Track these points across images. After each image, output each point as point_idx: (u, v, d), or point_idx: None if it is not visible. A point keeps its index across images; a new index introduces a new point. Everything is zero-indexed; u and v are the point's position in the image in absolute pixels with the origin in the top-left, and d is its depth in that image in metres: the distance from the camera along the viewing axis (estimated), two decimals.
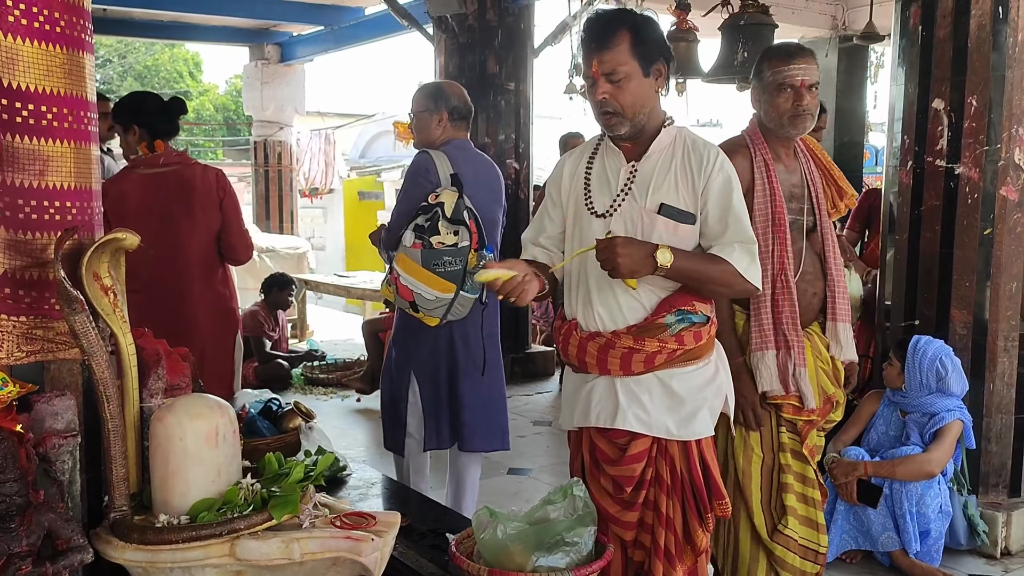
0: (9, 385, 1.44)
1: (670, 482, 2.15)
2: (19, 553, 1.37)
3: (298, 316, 8.30)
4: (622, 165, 2.15)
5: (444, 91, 3.26)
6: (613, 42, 2.02)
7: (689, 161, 2.10)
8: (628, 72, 2.02)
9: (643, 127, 2.10)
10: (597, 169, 2.19)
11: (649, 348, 2.10)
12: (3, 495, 1.35)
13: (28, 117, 1.50)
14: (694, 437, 2.14)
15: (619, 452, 2.17)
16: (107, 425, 1.53)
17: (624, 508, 2.17)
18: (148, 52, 27.25)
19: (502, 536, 1.93)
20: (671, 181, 2.10)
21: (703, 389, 2.15)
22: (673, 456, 2.15)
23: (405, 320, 3.21)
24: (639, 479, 2.16)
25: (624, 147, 2.16)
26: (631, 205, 2.12)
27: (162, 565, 1.50)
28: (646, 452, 2.14)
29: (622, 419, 2.12)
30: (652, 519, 2.16)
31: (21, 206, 1.51)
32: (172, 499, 1.55)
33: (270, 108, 10.28)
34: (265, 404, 2.92)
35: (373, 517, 1.60)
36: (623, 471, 2.16)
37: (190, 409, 1.58)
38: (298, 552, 1.50)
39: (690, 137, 2.15)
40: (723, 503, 2.19)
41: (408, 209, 3.09)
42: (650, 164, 2.12)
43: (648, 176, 2.11)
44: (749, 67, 4.76)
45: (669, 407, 2.12)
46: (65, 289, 1.45)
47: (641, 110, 2.07)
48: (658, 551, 2.15)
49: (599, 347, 2.13)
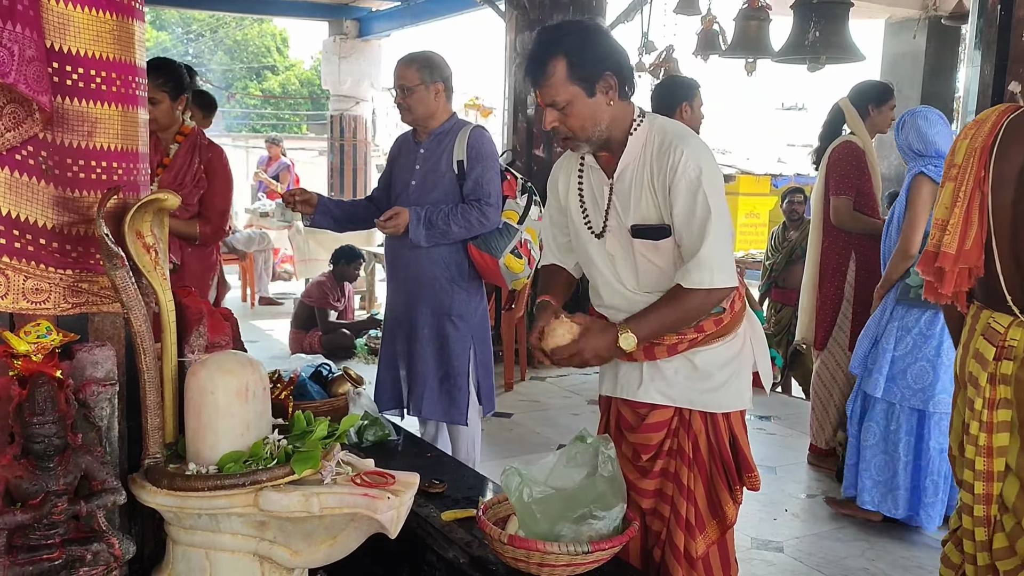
0: (52, 333, 1.52)
1: (692, 454, 2.17)
2: (56, 491, 1.46)
3: (367, 288, 8.46)
4: (604, 182, 2.13)
5: (436, 61, 3.17)
6: (548, 73, 1.96)
7: (656, 171, 2.02)
8: (570, 98, 1.97)
9: (607, 139, 2.05)
10: (587, 185, 2.17)
11: (669, 341, 2.13)
12: (42, 436, 1.44)
13: (78, 80, 1.58)
14: (720, 410, 2.16)
15: (639, 419, 2.21)
16: (143, 376, 1.61)
17: (641, 475, 2.20)
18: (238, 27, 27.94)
19: (527, 499, 1.96)
20: (647, 196, 2.05)
21: (728, 364, 2.16)
22: (696, 428, 2.16)
23: (469, 293, 3.26)
24: (656, 448, 2.18)
25: (602, 158, 2.12)
26: (617, 224, 2.11)
27: (190, 511, 1.58)
28: (666, 423, 2.17)
29: (644, 392, 2.17)
30: (672, 490, 2.18)
31: (69, 165, 1.59)
32: (203, 450, 1.62)
33: (347, 83, 10.44)
34: (316, 369, 3.01)
35: (392, 476, 1.65)
36: (640, 439, 2.19)
37: (222, 365, 1.64)
38: (317, 506, 1.56)
39: (659, 136, 2.04)
40: (752, 476, 2.20)
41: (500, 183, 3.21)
42: (625, 181, 2.08)
43: (626, 194, 2.08)
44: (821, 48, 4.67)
45: (692, 380, 2.15)
46: (107, 245, 1.53)
47: (595, 128, 2.01)
48: (679, 520, 2.17)
49: None
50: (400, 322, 3.30)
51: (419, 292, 3.21)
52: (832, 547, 3.30)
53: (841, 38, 4.48)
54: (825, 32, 4.40)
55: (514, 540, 1.89)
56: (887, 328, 3.43)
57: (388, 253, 3.39)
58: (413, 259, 3.19)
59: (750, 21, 4.96)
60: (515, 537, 1.90)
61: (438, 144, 3.19)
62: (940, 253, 2.06)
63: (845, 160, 3.98)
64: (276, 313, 8.38)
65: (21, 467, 1.45)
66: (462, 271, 3.21)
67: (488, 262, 3.17)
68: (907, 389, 3.36)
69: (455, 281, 3.20)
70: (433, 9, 9.06)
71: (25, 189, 1.54)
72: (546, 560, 1.88)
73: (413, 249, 3.16)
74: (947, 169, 2.10)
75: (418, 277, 3.21)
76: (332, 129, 10.85)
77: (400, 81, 3.15)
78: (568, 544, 1.87)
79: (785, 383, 5.84)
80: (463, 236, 3.14)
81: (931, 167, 3.35)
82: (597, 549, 1.88)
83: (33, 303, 1.57)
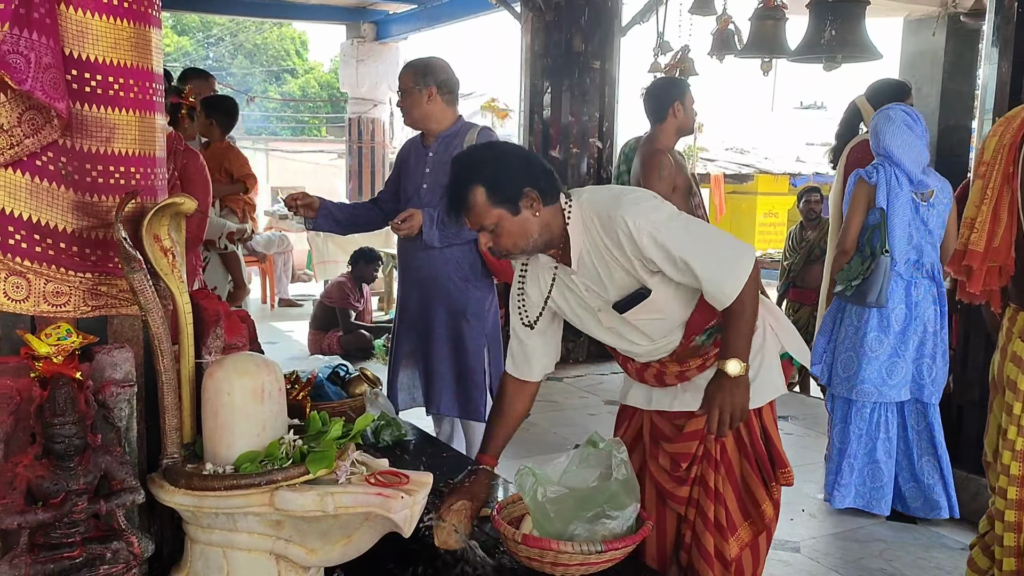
0: (72, 336, 1.55)
1: (719, 457, 2.17)
2: (76, 490, 1.49)
3: (385, 289, 8.51)
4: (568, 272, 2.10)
5: (431, 66, 3.23)
6: (469, 202, 1.99)
7: (612, 246, 2.00)
8: (496, 220, 1.98)
9: (546, 243, 2.05)
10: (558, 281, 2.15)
11: (694, 364, 2.16)
12: (62, 436, 1.47)
13: (96, 87, 1.61)
14: (754, 404, 2.12)
15: (676, 430, 2.21)
16: (161, 378, 1.64)
17: (678, 484, 2.21)
18: (258, 31, 28.14)
19: (541, 499, 1.97)
20: (616, 271, 2.04)
21: (754, 358, 2.12)
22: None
23: (483, 292, 3.28)
24: (694, 455, 2.19)
25: (554, 255, 2.12)
26: (603, 302, 2.10)
27: (207, 510, 1.60)
28: (702, 430, 2.15)
29: (680, 403, 2.18)
30: (699, 493, 2.19)
31: (88, 170, 1.62)
32: (220, 450, 1.65)
33: (365, 86, 10.50)
34: (333, 370, 3.04)
35: (406, 476, 1.66)
36: (680, 448, 2.20)
37: (238, 366, 1.67)
38: (332, 505, 1.58)
39: (594, 215, 2.02)
40: (786, 471, 2.20)
41: None
42: (587, 267, 2.07)
43: (596, 278, 2.06)
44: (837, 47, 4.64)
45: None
46: (125, 249, 1.56)
47: (527, 240, 2.02)
48: (707, 523, 2.16)
49: (655, 374, 2.21)
50: (414, 322, 3.33)
51: (433, 292, 3.24)
52: (849, 547, 3.29)
53: (857, 36, 4.46)
54: (841, 31, 4.38)
55: (528, 539, 1.90)
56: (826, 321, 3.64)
57: (401, 254, 3.42)
58: (427, 259, 3.22)
59: (766, 20, 4.95)
60: (529, 536, 1.91)
61: (446, 147, 3.23)
62: (968, 251, 2.04)
63: (863, 160, 3.96)
64: (295, 315, 8.44)
65: (42, 467, 1.48)
66: (475, 270, 3.24)
67: (501, 261, 3.20)
68: (837, 378, 3.56)
69: (469, 280, 3.23)
70: (449, 12, 9.09)
71: (45, 194, 1.58)
72: (560, 559, 1.89)
73: (426, 250, 3.19)
74: (976, 166, 2.08)
75: (432, 277, 3.24)
76: (350, 132, 10.91)
77: (399, 85, 3.27)
78: (582, 543, 1.88)
79: (803, 383, 5.81)
80: (475, 235, 3.16)
81: (868, 168, 3.51)
82: (611, 548, 1.89)
83: (54, 306, 1.60)
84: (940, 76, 7.53)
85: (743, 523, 2.20)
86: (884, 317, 3.42)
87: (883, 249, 3.34)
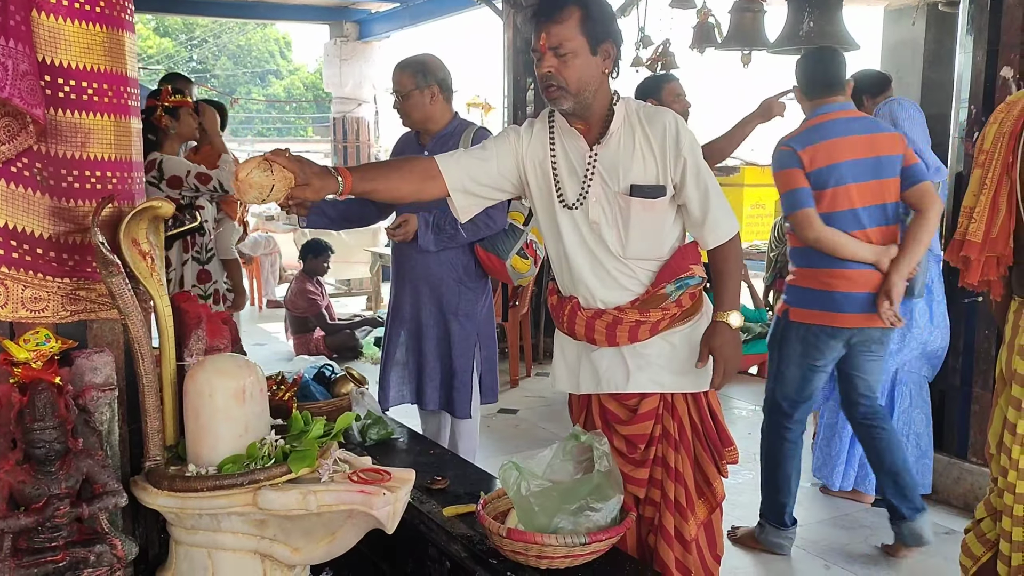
0: (51, 341, 1.56)
1: (678, 436, 2.21)
2: (58, 494, 1.49)
3: (372, 288, 8.50)
4: (584, 151, 2.15)
5: (428, 64, 3.18)
6: (562, 16, 2.00)
7: (651, 134, 2.10)
8: (575, 48, 2.02)
9: (589, 105, 2.09)
10: (561, 156, 2.18)
11: (654, 317, 2.16)
12: (43, 441, 1.47)
13: (70, 92, 1.62)
14: (703, 388, 2.21)
15: (629, 412, 2.23)
16: (141, 381, 1.65)
17: (636, 466, 2.23)
18: (241, 32, 28.02)
19: (525, 493, 1.98)
20: (638, 159, 2.11)
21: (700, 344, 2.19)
22: (681, 410, 2.21)
23: (475, 292, 3.30)
24: (649, 437, 2.21)
25: (578, 128, 2.15)
26: (603, 191, 2.13)
27: (191, 511, 1.61)
28: (655, 410, 2.20)
29: (635, 383, 2.19)
30: (661, 474, 2.22)
31: (64, 175, 1.62)
32: (203, 451, 1.66)
33: (348, 85, 10.47)
34: (319, 370, 3.05)
35: (388, 473, 1.68)
36: (635, 430, 2.21)
37: (219, 368, 1.68)
38: (314, 504, 1.59)
39: (640, 109, 2.14)
40: (732, 449, 2.26)
41: None
42: (612, 146, 2.12)
43: (614, 159, 2.12)
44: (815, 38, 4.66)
45: (675, 363, 2.19)
46: (103, 253, 1.56)
47: (586, 88, 2.05)
48: (668, 504, 2.20)
49: (607, 324, 2.18)
50: (405, 320, 3.34)
51: (426, 292, 3.25)
52: (835, 534, 3.32)
53: (835, 27, 4.47)
54: (819, 22, 4.40)
55: (512, 533, 1.92)
56: None
57: (395, 255, 3.43)
58: (420, 261, 3.23)
59: (745, 13, 4.96)
60: (513, 530, 1.92)
61: (442, 147, 3.20)
62: (966, 242, 2.02)
63: None
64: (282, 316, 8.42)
65: (23, 472, 1.49)
66: (469, 271, 3.25)
67: (495, 263, 3.22)
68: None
69: (462, 282, 3.24)
70: (431, 9, 9.07)
71: (21, 200, 1.58)
72: (544, 552, 1.90)
73: (421, 253, 3.20)
74: (976, 155, 2.06)
75: (426, 278, 3.25)
76: (335, 131, 10.89)
77: (396, 87, 3.19)
78: (566, 536, 1.89)
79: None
80: (471, 239, 3.18)
81: None
82: (595, 540, 1.91)
83: (32, 311, 1.61)
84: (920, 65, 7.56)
85: (698, 501, 2.24)
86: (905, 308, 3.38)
87: None
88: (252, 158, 1.77)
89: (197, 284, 3.99)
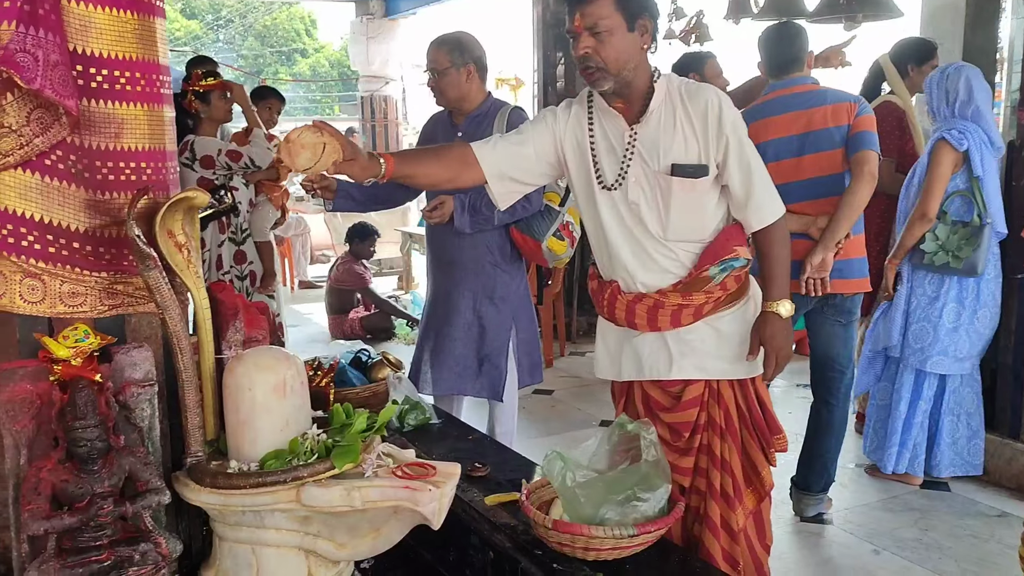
0: (91, 337, 1.53)
1: (724, 424, 2.15)
2: (101, 493, 1.47)
3: (404, 268, 8.49)
4: (624, 129, 2.08)
5: (464, 42, 3.11)
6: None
7: (692, 111, 2.04)
8: (611, 26, 1.95)
9: (629, 83, 2.03)
10: (599, 136, 2.12)
11: (697, 301, 2.10)
12: (85, 439, 1.45)
13: (103, 82, 1.57)
14: (751, 375, 2.15)
15: (673, 400, 2.18)
16: (181, 376, 1.62)
17: (680, 455, 2.18)
18: (267, 11, 28.02)
19: (571, 484, 1.94)
20: (679, 138, 2.04)
21: (747, 329, 2.14)
22: (727, 398, 2.15)
23: (511, 275, 3.25)
24: (694, 424, 2.16)
25: (618, 107, 2.08)
26: (642, 170, 2.07)
27: (234, 508, 1.59)
28: (700, 397, 2.15)
29: (678, 370, 2.14)
30: (706, 463, 2.17)
31: (98, 167, 1.58)
32: (243, 446, 1.63)
33: (375, 63, 10.39)
34: (355, 355, 3.02)
35: (433, 467, 1.64)
36: (679, 417, 2.16)
37: (259, 361, 1.64)
38: (359, 500, 1.56)
39: (682, 85, 2.08)
40: (781, 437, 2.19)
41: None
42: (652, 125, 2.06)
43: (654, 137, 2.05)
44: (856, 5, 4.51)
45: (720, 349, 2.14)
46: (139, 246, 1.53)
47: (625, 66, 1.99)
48: (714, 493, 2.15)
49: (648, 308, 2.12)
50: (440, 304, 3.30)
51: (462, 276, 3.21)
52: (882, 518, 3.25)
53: None
54: None
55: (559, 525, 1.87)
56: (900, 291, 3.49)
57: (431, 238, 3.39)
58: (456, 244, 3.19)
59: None
60: (560, 522, 1.88)
61: (477, 127, 3.16)
62: None
63: (884, 121, 3.86)
64: (314, 296, 8.43)
65: (66, 471, 1.46)
66: (505, 254, 3.21)
67: (531, 245, 3.17)
68: (908, 348, 3.45)
69: (498, 265, 3.20)
70: None
71: (56, 194, 1.55)
72: (591, 544, 1.86)
73: (457, 235, 3.15)
74: None
75: (461, 261, 3.20)
76: (363, 109, 10.83)
77: (431, 64, 3.12)
78: (614, 528, 1.85)
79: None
80: (506, 221, 3.13)
81: (955, 131, 3.29)
82: (643, 532, 1.86)
83: (70, 307, 1.58)
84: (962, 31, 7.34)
85: (746, 490, 2.19)
86: (964, 287, 3.35)
87: (980, 217, 3.25)
88: (300, 125, 1.75)
89: (234, 265, 3.98)
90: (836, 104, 3.00)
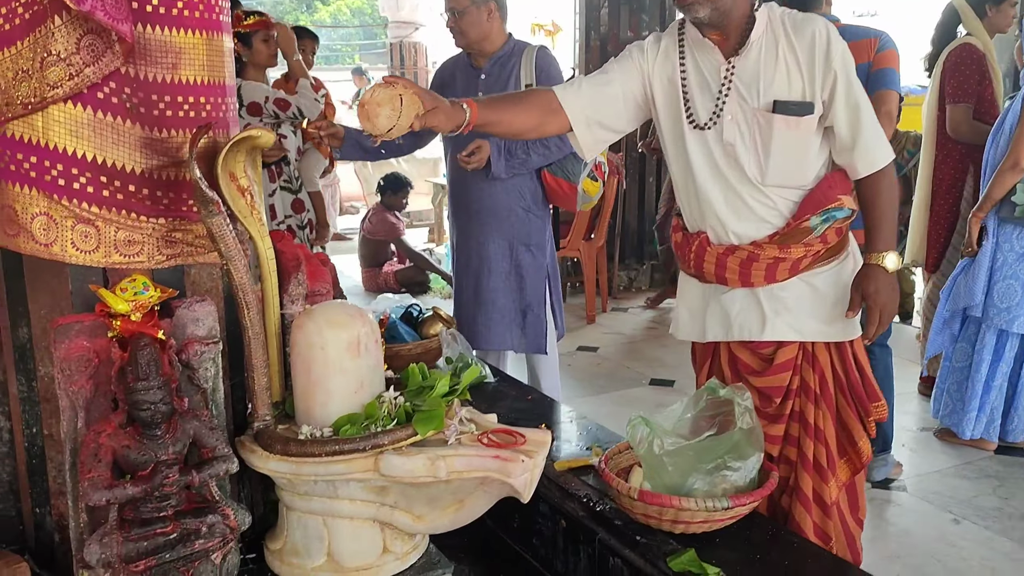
0: (151, 290, 1.39)
1: (819, 390, 1.99)
2: (165, 460, 1.34)
3: (435, 220, 8.33)
4: (720, 63, 1.90)
5: None
6: None
7: (797, 44, 1.87)
8: None
9: (727, 12, 1.84)
10: (691, 71, 1.94)
11: (795, 255, 1.93)
12: (148, 402, 1.31)
13: (158, 6, 1.41)
14: (848, 337, 1.98)
15: (764, 363, 2.02)
16: (247, 333, 1.48)
17: (770, 422, 2.01)
18: None
19: (658, 452, 1.80)
20: (782, 72, 1.87)
21: (847, 285, 1.96)
22: (823, 361, 1.98)
23: (543, 220, 3.15)
24: (786, 389, 2.00)
25: (713, 39, 1.90)
26: (740, 108, 1.89)
27: (306, 477, 1.46)
28: (793, 360, 1.98)
29: (771, 330, 1.97)
30: (798, 431, 2.01)
31: (155, 102, 1.43)
32: (314, 409, 1.49)
33: (405, 8, 10.14)
34: (406, 310, 2.88)
35: (522, 435, 1.50)
36: (771, 382, 2.00)
37: (331, 317, 1.50)
38: (444, 470, 1.42)
39: (785, 15, 1.91)
40: (880, 405, 2.02)
41: None
42: (752, 58, 1.88)
43: (754, 71, 1.87)
44: None
45: (816, 308, 1.97)
46: (201, 190, 1.38)
47: None
48: (806, 464, 1.99)
49: (740, 261, 1.96)
50: (471, 257, 3.16)
51: (493, 224, 3.08)
52: (959, 485, 3.10)
53: None
54: None
55: (645, 495, 1.74)
56: (984, 247, 3.25)
57: (453, 187, 3.22)
58: (486, 190, 3.04)
59: None
60: (646, 492, 1.75)
61: (501, 68, 3.01)
62: None
63: (963, 64, 3.64)
64: (345, 248, 8.30)
65: (127, 436, 1.33)
66: (537, 199, 3.09)
67: (565, 188, 3.05)
68: (992, 308, 3.25)
69: (531, 210, 3.07)
70: None
71: (110, 131, 1.39)
72: (680, 516, 1.73)
73: (487, 181, 3.01)
74: None
75: (492, 208, 3.07)
76: (392, 57, 10.59)
77: (451, 3, 3.00)
78: (706, 499, 1.71)
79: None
80: (541, 163, 3.01)
81: None
82: (737, 504, 1.72)
83: (126, 256, 1.43)
84: None
85: (840, 461, 2.03)
86: None
87: None
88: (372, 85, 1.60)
89: (293, 214, 3.82)
90: (855, 42, 2.76)
